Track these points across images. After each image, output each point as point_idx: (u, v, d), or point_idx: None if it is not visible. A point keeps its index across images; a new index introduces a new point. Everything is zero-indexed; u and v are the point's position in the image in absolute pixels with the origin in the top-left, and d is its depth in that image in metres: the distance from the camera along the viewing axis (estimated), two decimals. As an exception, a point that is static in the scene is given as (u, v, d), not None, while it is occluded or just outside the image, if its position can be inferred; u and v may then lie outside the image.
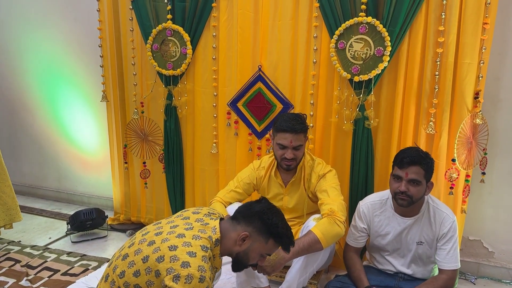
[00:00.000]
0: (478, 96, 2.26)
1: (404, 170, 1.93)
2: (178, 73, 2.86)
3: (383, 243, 2.12)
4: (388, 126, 2.44)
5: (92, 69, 3.38)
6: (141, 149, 3.17)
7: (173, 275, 1.37)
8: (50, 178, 4.09)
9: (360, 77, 2.37)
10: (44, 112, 3.90)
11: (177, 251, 1.43)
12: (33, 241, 3.14)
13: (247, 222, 1.58)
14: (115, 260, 1.57)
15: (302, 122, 2.17)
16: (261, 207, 1.62)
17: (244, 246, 1.58)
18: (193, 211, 1.68)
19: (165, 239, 1.49)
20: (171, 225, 1.57)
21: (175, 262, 1.40)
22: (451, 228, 1.99)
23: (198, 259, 1.42)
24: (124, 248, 1.60)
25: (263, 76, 2.67)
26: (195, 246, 1.46)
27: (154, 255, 1.44)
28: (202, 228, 1.55)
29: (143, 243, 1.52)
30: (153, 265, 1.43)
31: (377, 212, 2.13)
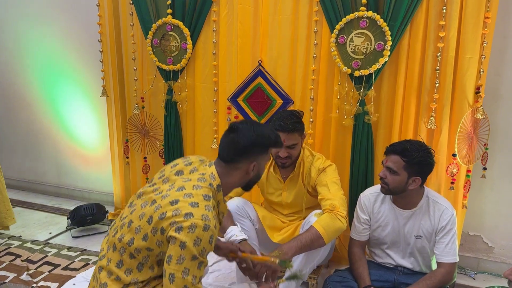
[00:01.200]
0: (479, 91, 2.25)
1: (386, 158, 1.97)
2: (178, 68, 2.86)
3: (382, 235, 2.13)
4: (389, 121, 2.44)
5: (92, 64, 3.38)
6: (142, 144, 3.18)
7: (176, 227, 1.35)
8: (50, 174, 4.09)
9: (360, 71, 2.36)
10: (44, 108, 3.89)
11: (179, 204, 1.39)
12: (34, 236, 3.15)
13: (247, 157, 1.54)
14: (120, 230, 1.51)
15: (297, 121, 2.13)
16: (248, 137, 1.52)
17: (255, 172, 1.58)
18: (184, 163, 1.61)
19: (165, 195, 1.45)
20: (169, 184, 1.53)
21: (177, 215, 1.37)
22: (450, 221, 1.99)
23: (201, 208, 1.39)
24: (125, 216, 1.54)
25: (263, 71, 2.67)
26: (197, 196, 1.43)
27: (156, 213, 1.41)
28: (201, 177, 1.52)
29: (145, 206, 1.47)
30: (157, 224, 1.39)
31: (377, 203, 2.14)
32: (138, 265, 1.46)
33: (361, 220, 2.15)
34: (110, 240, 1.54)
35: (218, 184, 1.52)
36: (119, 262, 1.47)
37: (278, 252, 1.88)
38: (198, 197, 1.43)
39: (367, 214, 2.14)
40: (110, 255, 1.49)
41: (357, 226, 2.17)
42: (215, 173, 1.53)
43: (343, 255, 2.57)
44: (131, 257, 1.46)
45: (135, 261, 1.46)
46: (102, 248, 1.60)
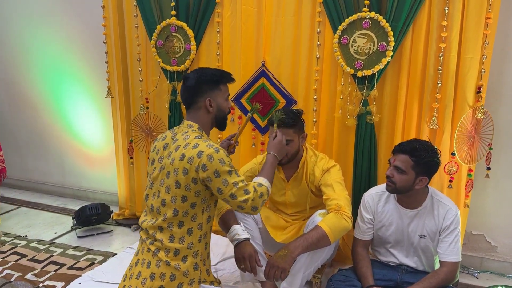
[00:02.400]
0: (480, 91, 2.26)
1: (394, 156, 2.00)
2: (182, 69, 2.88)
3: (386, 234, 2.14)
4: (391, 121, 2.45)
5: (97, 65, 3.41)
6: (146, 144, 3.20)
7: (200, 168, 1.63)
8: (55, 174, 4.12)
9: (363, 72, 2.38)
10: (49, 108, 3.93)
11: (187, 154, 1.65)
12: (39, 236, 3.18)
13: (199, 95, 1.78)
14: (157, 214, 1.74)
15: (292, 117, 2.14)
16: (194, 78, 1.78)
17: (215, 107, 1.81)
18: (160, 140, 1.85)
19: (172, 159, 1.69)
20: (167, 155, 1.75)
21: (193, 161, 1.63)
22: (454, 220, 2.00)
23: (202, 143, 1.67)
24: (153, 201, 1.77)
25: (267, 72, 2.69)
26: (192, 140, 1.69)
27: (178, 175, 1.66)
28: (182, 131, 1.77)
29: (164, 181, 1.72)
30: (185, 180, 1.66)
31: (381, 202, 2.15)
32: (188, 230, 1.71)
33: (365, 219, 2.17)
34: (152, 226, 1.74)
35: (198, 127, 1.79)
36: (170, 237, 1.70)
37: (284, 251, 1.90)
38: (193, 141, 1.69)
39: (370, 213, 2.15)
40: (159, 236, 1.72)
41: (361, 226, 2.19)
42: (189, 122, 1.80)
43: (346, 254, 2.58)
44: (180, 226, 1.70)
45: (184, 228, 1.70)
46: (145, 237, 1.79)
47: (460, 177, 2.36)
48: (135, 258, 1.81)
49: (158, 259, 1.70)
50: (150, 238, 1.75)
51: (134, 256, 1.83)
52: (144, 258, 1.75)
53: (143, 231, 1.81)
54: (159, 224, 1.72)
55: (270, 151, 1.96)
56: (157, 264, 1.70)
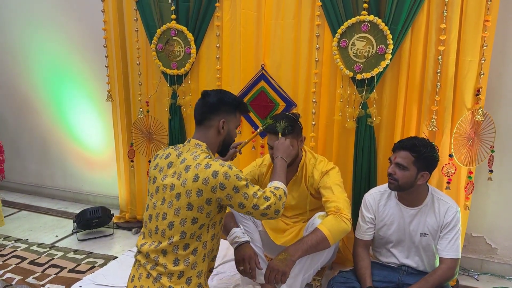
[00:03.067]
0: (479, 93, 2.27)
1: (394, 154, 2.02)
2: (182, 72, 2.90)
3: (387, 234, 2.15)
4: (391, 124, 2.46)
5: (97, 69, 3.43)
6: (146, 147, 3.21)
7: (218, 188, 1.59)
8: (56, 177, 4.13)
9: (362, 75, 2.39)
10: (49, 112, 3.94)
11: (201, 175, 1.60)
12: (40, 239, 3.19)
13: (216, 113, 1.76)
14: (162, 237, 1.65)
15: (289, 124, 2.13)
16: (216, 96, 1.78)
17: (225, 131, 1.79)
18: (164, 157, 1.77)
19: (184, 180, 1.62)
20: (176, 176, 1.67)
21: (208, 181, 1.59)
22: (454, 217, 2.02)
23: (214, 163, 1.62)
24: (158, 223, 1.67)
25: (266, 75, 2.70)
26: (203, 161, 1.63)
27: (191, 197, 1.60)
28: (192, 151, 1.70)
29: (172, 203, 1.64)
30: (200, 201, 1.60)
31: (382, 202, 2.16)
32: (193, 251, 1.65)
33: (366, 219, 2.17)
34: (155, 250, 1.65)
35: (206, 147, 1.74)
36: (175, 260, 1.63)
37: (284, 254, 1.90)
38: (204, 161, 1.64)
39: (372, 213, 2.16)
40: (162, 261, 1.63)
41: (362, 226, 2.19)
42: (197, 141, 1.75)
43: (347, 256, 2.58)
44: (185, 248, 1.64)
45: (189, 249, 1.64)
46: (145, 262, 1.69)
47: (459, 179, 2.37)
48: (131, 285, 1.72)
49: (161, 285, 1.62)
50: (151, 263, 1.66)
51: (129, 282, 1.74)
52: (142, 285, 1.65)
53: (141, 255, 1.71)
54: (163, 247, 1.64)
55: (278, 155, 1.96)
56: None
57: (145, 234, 1.74)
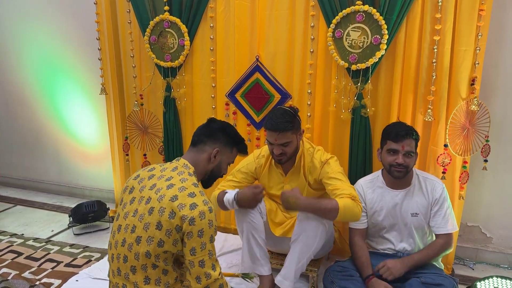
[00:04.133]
0: (474, 83, 2.26)
1: (400, 144, 2.03)
2: (176, 64, 2.87)
3: (379, 220, 2.18)
4: (386, 114, 2.45)
5: (91, 62, 3.39)
6: (141, 141, 3.19)
7: (188, 220, 1.47)
8: (51, 172, 4.11)
9: (357, 65, 2.38)
10: (43, 106, 3.91)
11: (180, 199, 1.50)
12: (36, 234, 3.17)
13: (213, 140, 1.71)
14: (129, 251, 1.54)
15: (289, 120, 2.11)
16: (220, 124, 1.77)
17: (217, 161, 1.73)
18: (146, 170, 1.71)
19: (161, 196, 1.53)
20: (150, 187, 1.59)
21: (183, 209, 1.48)
22: (442, 193, 2.10)
23: (198, 196, 1.53)
24: (126, 235, 1.57)
25: (261, 67, 2.68)
26: (189, 187, 1.54)
27: (163, 216, 1.49)
28: (179, 170, 1.63)
29: (143, 217, 1.53)
30: (170, 225, 1.49)
31: (370, 189, 2.22)
32: (162, 271, 1.56)
33: None
34: (124, 267, 1.56)
35: (193, 170, 1.67)
36: (145, 278, 1.54)
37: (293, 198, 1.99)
38: (191, 188, 1.55)
39: (362, 201, 2.20)
40: (133, 279, 1.55)
41: None
42: (187, 162, 1.68)
43: (342, 248, 2.59)
44: (154, 267, 1.54)
45: (159, 269, 1.55)
46: (116, 282, 1.60)
47: (454, 169, 2.37)
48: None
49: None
50: (121, 282, 1.57)
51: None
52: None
53: (111, 273, 1.63)
54: (132, 263, 1.54)
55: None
56: None
57: (111, 245, 1.64)
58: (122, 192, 1.71)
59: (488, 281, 2.20)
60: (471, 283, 2.28)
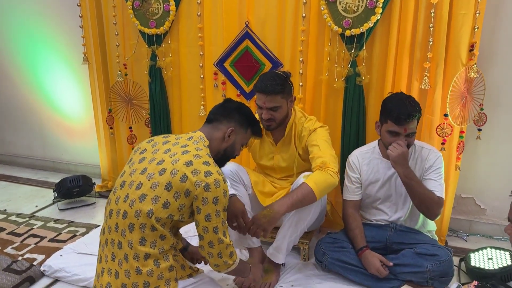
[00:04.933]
0: (473, 49, 2.18)
1: (402, 127, 1.92)
2: (161, 31, 2.73)
3: (374, 191, 2.12)
4: (380, 83, 2.36)
5: (72, 31, 3.22)
6: (126, 113, 3.08)
7: (203, 186, 1.46)
8: (35, 147, 3.99)
9: (352, 31, 2.27)
10: (25, 79, 3.76)
11: (195, 165, 1.49)
12: (19, 210, 3.08)
13: (228, 119, 1.70)
14: (130, 208, 1.49)
15: (279, 83, 2.02)
16: (236, 104, 1.78)
17: (231, 140, 1.70)
18: (174, 137, 1.68)
19: (175, 160, 1.51)
20: (164, 151, 1.58)
21: (198, 174, 1.47)
22: (437, 160, 2.03)
23: (213, 165, 1.53)
24: (130, 191, 1.52)
25: (251, 33, 2.56)
26: (204, 156, 1.54)
27: (175, 178, 1.47)
28: (195, 140, 1.62)
29: (153, 176, 1.50)
30: (180, 188, 1.47)
31: (365, 160, 2.15)
32: (160, 236, 1.51)
33: (352, 179, 2.15)
34: (122, 223, 1.51)
35: (207, 144, 1.65)
36: (141, 239, 1.48)
37: (269, 210, 1.84)
38: (205, 157, 1.54)
39: (357, 172, 2.14)
40: (129, 237, 1.49)
41: (349, 186, 2.16)
42: (203, 135, 1.66)
43: (334, 220, 2.53)
44: (153, 229, 1.49)
45: (157, 232, 1.50)
46: (111, 239, 1.54)
47: (451, 139, 2.30)
48: (99, 266, 1.60)
49: (127, 269, 1.49)
50: (116, 240, 1.52)
51: (98, 263, 1.62)
52: (110, 268, 1.54)
53: (107, 230, 1.57)
54: (130, 221, 1.48)
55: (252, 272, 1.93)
56: (126, 274, 1.49)
57: (111, 201, 1.59)
58: (133, 152, 1.69)
59: (482, 252, 2.16)
60: (464, 254, 2.24)
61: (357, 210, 2.17)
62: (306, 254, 2.29)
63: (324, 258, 2.12)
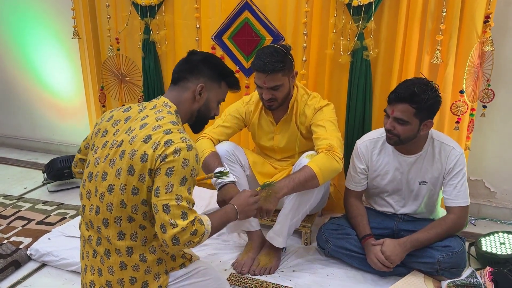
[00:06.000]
0: (489, 20, 2.03)
1: (391, 107, 1.75)
2: (155, 2, 2.57)
3: (382, 184, 1.97)
4: (389, 57, 2.22)
5: (61, 2, 3.04)
6: (119, 90, 2.93)
7: (160, 157, 1.27)
8: (24, 127, 3.84)
9: (359, 1, 2.12)
10: (12, 56, 3.59)
11: (154, 138, 1.30)
12: (7, 191, 2.95)
13: (195, 75, 1.46)
14: (101, 202, 1.35)
15: (279, 59, 1.86)
16: (201, 55, 1.51)
17: (203, 99, 1.49)
18: (122, 110, 1.48)
19: (132, 138, 1.33)
20: (125, 130, 1.39)
21: (158, 147, 1.28)
22: (458, 161, 1.82)
23: (176, 133, 1.32)
24: (97, 183, 1.37)
25: (250, 4, 2.40)
26: (165, 125, 1.34)
27: (135, 159, 1.29)
28: (156, 109, 1.42)
29: (115, 162, 1.33)
30: (143, 169, 1.29)
31: (376, 150, 1.96)
32: (139, 226, 1.35)
33: (358, 170, 1.99)
34: (96, 219, 1.37)
35: (175, 109, 1.43)
36: (119, 233, 1.34)
37: (269, 191, 1.72)
38: (167, 125, 1.34)
39: (364, 163, 1.97)
40: (105, 233, 1.35)
41: (354, 176, 2.01)
42: (167, 100, 1.45)
43: (337, 203, 2.42)
44: (130, 220, 1.34)
45: (135, 223, 1.34)
46: (89, 236, 1.41)
47: (463, 118, 2.17)
48: (82, 263, 1.48)
49: (110, 265, 1.36)
50: (95, 236, 1.39)
51: (81, 259, 1.50)
52: (92, 265, 1.41)
53: (84, 227, 1.44)
54: (104, 216, 1.34)
55: (234, 203, 1.54)
56: (110, 271, 1.36)
57: (83, 195, 1.44)
58: (94, 135, 1.48)
59: (494, 237, 2.06)
60: (473, 239, 2.14)
61: (360, 199, 2.04)
62: (308, 238, 2.18)
63: (327, 245, 2.01)
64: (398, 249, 1.80)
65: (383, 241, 1.85)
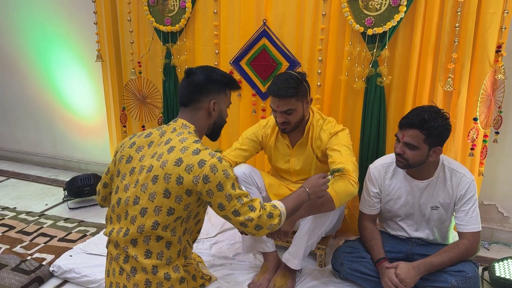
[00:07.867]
0: (501, 50, 2.09)
1: (401, 132, 1.82)
2: (177, 29, 2.68)
3: (395, 208, 2.00)
4: (403, 84, 2.28)
5: (86, 27, 3.18)
6: (139, 112, 3.03)
7: (201, 179, 1.39)
8: (45, 144, 3.96)
9: (374, 30, 2.19)
10: (37, 75, 3.73)
11: (185, 160, 1.41)
12: (29, 208, 3.04)
13: (204, 94, 1.56)
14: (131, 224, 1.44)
15: (293, 85, 1.93)
16: (202, 75, 1.56)
17: (217, 112, 1.61)
18: (143, 136, 1.57)
19: (164, 162, 1.43)
20: (151, 154, 1.49)
21: (192, 169, 1.40)
22: (469, 188, 1.86)
23: (203, 151, 1.44)
24: (128, 208, 1.46)
25: (268, 32, 2.49)
26: (191, 145, 1.45)
27: (170, 183, 1.40)
28: (178, 131, 1.52)
29: (147, 186, 1.43)
30: (179, 191, 1.41)
31: (388, 174, 2.00)
32: (166, 244, 1.46)
33: (371, 193, 2.03)
34: (122, 240, 1.46)
35: (193, 129, 1.54)
36: (146, 252, 1.44)
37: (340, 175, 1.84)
38: (193, 145, 1.44)
39: (377, 187, 2.01)
40: (132, 252, 1.44)
41: (367, 200, 2.05)
42: (185, 122, 1.55)
43: (352, 225, 2.46)
44: (158, 239, 1.44)
45: (163, 241, 1.45)
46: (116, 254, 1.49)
47: (477, 144, 2.21)
48: (107, 280, 1.55)
49: (135, 283, 1.44)
50: (122, 254, 1.47)
51: (106, 277, 1.57)
52: (118, 282, 1.48)
53: (112, 246, 1.53)
54: (133, 237, 1.43)
55: (305, 186, 1.69)
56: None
57: (112, 219, 1.53)
58: (117, 162, 1.57)
59: (508, 262, 2.07)
60: (487, 264, 2.15)
61: (374, 222, 2.07)
62: (323, 260, 2.22)
63: (342, 268, 2.04)
64: (412, 272, 1.83)
65: (397, 264, 1.88)
